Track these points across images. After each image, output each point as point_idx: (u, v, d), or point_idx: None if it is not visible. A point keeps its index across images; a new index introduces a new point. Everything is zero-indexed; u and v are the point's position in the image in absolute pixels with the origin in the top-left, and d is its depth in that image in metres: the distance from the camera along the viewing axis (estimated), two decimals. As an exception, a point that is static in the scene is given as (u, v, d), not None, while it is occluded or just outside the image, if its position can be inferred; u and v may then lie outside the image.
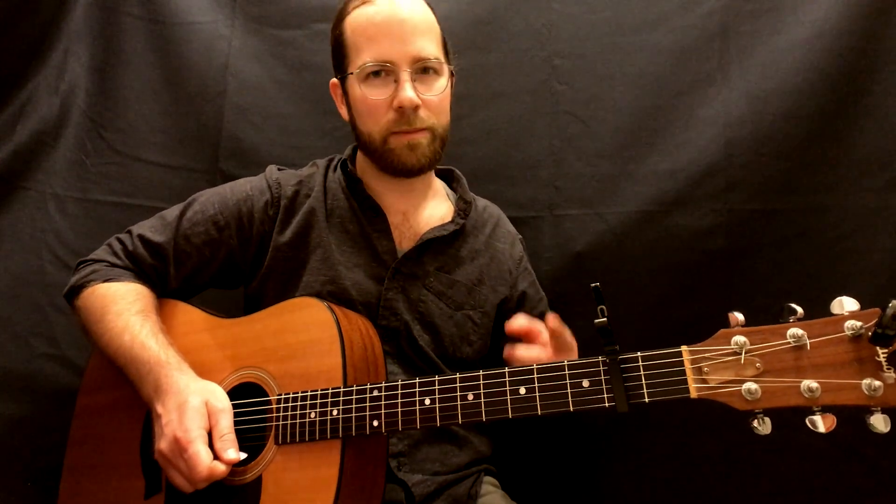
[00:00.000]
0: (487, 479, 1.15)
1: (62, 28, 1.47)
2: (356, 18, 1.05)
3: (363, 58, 1.03)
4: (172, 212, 1.12)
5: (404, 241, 1.12)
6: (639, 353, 0.76)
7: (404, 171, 1.06)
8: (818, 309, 1.41)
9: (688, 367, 0.73)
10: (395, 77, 1.02)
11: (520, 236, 1.28)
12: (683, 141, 1.38)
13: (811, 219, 1.32)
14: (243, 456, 0.87)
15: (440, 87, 1.05)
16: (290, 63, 1.54)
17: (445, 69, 1.07)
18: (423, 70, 1.03)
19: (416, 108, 1.01)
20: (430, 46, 1.04)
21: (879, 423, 0.65)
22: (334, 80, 1.13)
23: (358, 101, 1.05)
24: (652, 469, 1.37)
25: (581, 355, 1.28)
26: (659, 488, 1.36)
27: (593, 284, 0.76)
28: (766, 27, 1.37)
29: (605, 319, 0.75)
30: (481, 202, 1.25)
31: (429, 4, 1.10)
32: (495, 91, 1.48)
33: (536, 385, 0.79)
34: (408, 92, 1.00)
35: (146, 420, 0.99)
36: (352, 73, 1.05)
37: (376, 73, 1.02)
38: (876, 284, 1.28)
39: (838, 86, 1.31)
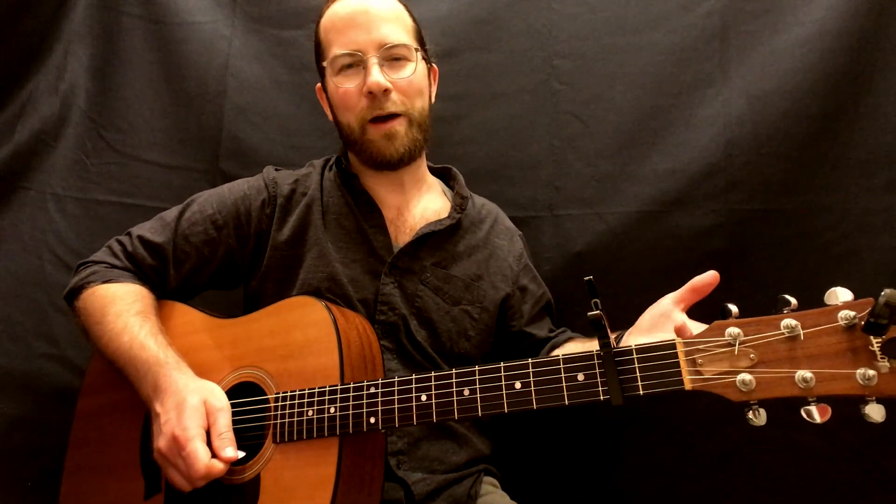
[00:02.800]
0: (487, 478, 1.15)
1: (62, 28, 1.47)
2: (326, 19, 1.11)
3: (333, 50, 1.08)
4: (171, 213, 1.13)
5: (400, 236, 1.13)
6: (633, 346, 0.75)
7: (384, 162, 1.08)
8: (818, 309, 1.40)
9: (682, 359, 0.73)
10: (364, 65, 1.05)
11: (519, 232, 1.28)
12: (683, 141, 1.38)
13: (811, 219, 1.32)
14: (241, 454, 0.87)
15: (410, 70, 1.08)
16: (290, 63, 1.54)
17: (415, 54, 1.10)
18: (391, 55, 1.06)
19: (385, 91, 1.04)
20: (397, 33, 1.07)
21: (874, 412, 0.65)
22: (319, 84, 1.17)
23: (333, 94, 1.09)
24: (652, 468, 1.36)
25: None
26: (659, 488, 1.36)
27: (586, 278, 0.76)
28: (766, 27, 1.37)
29: (598, 312, 0.74)
30: (479, 200, 1.26)
31: (403, 3, 1.14)
32: (495, 91, 1.48)
33: (532, 379, 0.79)
34: (374, 76, 1.04)
35: (146, 421, 0.99)
36: (325, 67, 1.09)
37: (348, 65, 1.06)
38: (876, 284, 1.27)
39: (838, 86, 1.31)
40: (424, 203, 1.18)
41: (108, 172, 1.48)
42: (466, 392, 0.81)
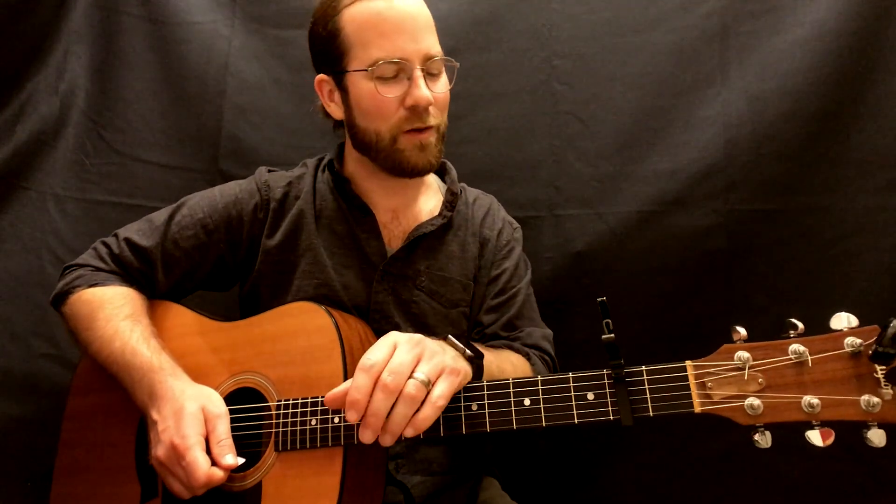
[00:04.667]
0: (488, 479, 1.15)
1: (62, 28, 1.47)
2: (361, 12, 0.99)
3: (374, 54, 0.98)
4: (160, 215, 1.09)
5: (393, 241, 1.09)
6: (643, 368, 0.75)
7: (414, 171, 1.04)
8: (818, 309, 1.40)
9: (692, 381, 0.73)
10: (407, 74, 0.99)
11: (515, 224, 1.23)
12: (683, 141, 1.38)
13: (811, 219, 1.32)
14: (241, 461, 0.86)
15: (446, 85, 1.04)
16: (290, 63, 1.54)
17: (448, 67, 1.05)
18: (432, 69, 1.01)
19: (428, 105, 1.00)
20: (437, 44, 1.03)
21: (876, 437, 0.67)
22: (323, 76, 1.08)
23: (365, 99, 1.01)
24: (652, 468, 1.37)
25: (580, 358, 1.28)
26: (659, 488, 1.36)
27: (600, 299, 0.76)
28: (766, 27, 1.37)
29: (612, 335, 0.74)
30: (472, 194, 1.21)
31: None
32: (495, 91, 1.48)
33: (541, 397, 0.78)
34: (423, 90, 0.98)
35: (140, 424, 0.97)
36: (358, 70, 1.00)
37: (391, 71, 0.99)
38: (876, 284, 1.28)
39: (838, 86, 1.31)
40: (420, 204, 1.14)
41: (107, 172, 1.48)
42: (474, 407, 0.80)
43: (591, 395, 0.77)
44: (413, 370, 0.76)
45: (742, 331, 0.73)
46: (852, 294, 1.29)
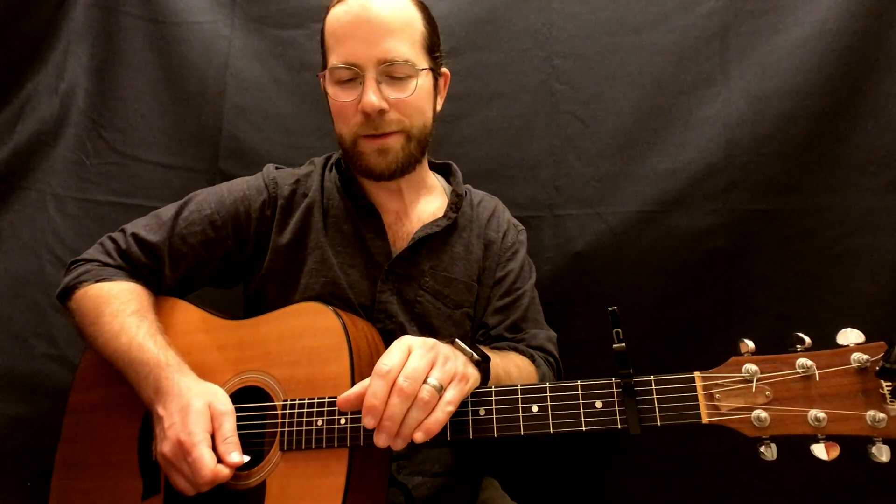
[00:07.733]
0: (488, 479, 1.15)
1: (62, 28, 1.47)
2: (330, 18, 1.03)
3: (332, 59, 1.02)
4: (168, 211, 1.09)
5: (398, 241, 1.10)
6: (652, 377, 0.76)
7: (374, 175, 1.04)
8: (818, 309, 1.40)
9: (700, 393, 0.74)
10: (361, 80, 0.99)
11: (520, 227, 1.23)
12: (683, 141, 1.39)
13: (811, 219, 1.33)
14: (247, 459, 0.86)
15: (411, 89, 1.01)
16: (290, 63, 1.54)
17: (418, 70, 1.02)
18: (392, 73, 1.00)
19: (381, 111, 0.99)
20: (401, 47, 1.00)
21: (881, 453, 0.68)
22: (320, 75, 1.10)
23: (330, 102, 1.04)
24: (652, 469, 1.37)
25: (580, 358, 1.28)
26: (659, 488, 1.36)
27: (611, 308, 0.76)
28: (766, 27, 1.37)
29: (622, 345, 0.75)
30: (477, 195, 1.22)
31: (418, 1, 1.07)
32: (495, 91, 1.48)
33: (549, 404, 0.78)
34: (370, 96, 0.98)
35: (144, 419, 0.97)
36: (323, 76, 1.04)
37: (346, 77, 1.01)
38: (876, 284, 1.28)
39: (838, 86, 1.31)
40: (423, 206, 1.15)
41: (107, 172, 1.48)
42: (482, 412, 0.80)
43: (599, 404, 0.77)
44: (427, 375, 0.76)
45: (750, 343, 0.74)
46: (852, 293, 1.29)
